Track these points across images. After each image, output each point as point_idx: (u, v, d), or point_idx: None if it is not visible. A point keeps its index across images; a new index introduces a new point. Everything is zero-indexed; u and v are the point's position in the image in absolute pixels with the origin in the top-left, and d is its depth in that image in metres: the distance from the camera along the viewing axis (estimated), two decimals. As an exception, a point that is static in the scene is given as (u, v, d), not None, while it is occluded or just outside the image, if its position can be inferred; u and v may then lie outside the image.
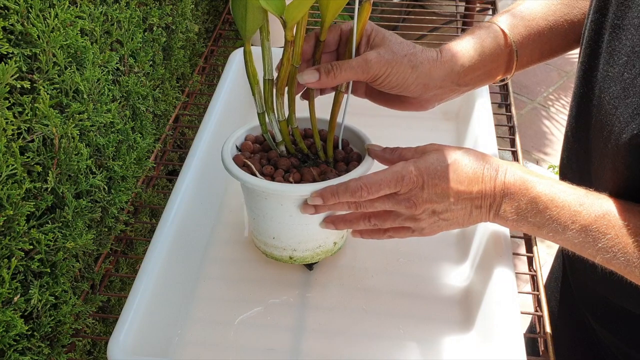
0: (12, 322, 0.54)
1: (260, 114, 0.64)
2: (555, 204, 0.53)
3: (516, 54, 0.64)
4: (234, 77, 0.85)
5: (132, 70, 0.78)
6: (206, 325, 0.65)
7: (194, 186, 0.70)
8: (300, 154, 0.66)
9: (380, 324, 0.64)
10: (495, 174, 0.56)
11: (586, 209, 0.52)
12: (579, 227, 0.52)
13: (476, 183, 0.56)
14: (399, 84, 0.60)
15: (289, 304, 0.66)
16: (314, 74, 0.58)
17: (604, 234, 0.50)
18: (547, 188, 0.54)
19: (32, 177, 0.58)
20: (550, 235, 0.54)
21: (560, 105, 2.39)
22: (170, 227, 0.64)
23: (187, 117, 1.00)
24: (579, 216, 0.52)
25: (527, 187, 0.54)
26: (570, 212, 0.52)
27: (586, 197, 0.53)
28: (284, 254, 0.66)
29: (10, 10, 0.53)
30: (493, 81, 0.67)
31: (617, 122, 0.49)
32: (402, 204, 0.57)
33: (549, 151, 2.20)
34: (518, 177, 0.55)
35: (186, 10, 0.94)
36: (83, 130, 0.65)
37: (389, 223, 0.60)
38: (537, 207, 0.54)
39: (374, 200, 0.58)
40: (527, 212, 0.54)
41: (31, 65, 0.57)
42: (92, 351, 0.74)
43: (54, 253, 0.61)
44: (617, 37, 0.50)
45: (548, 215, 0.53)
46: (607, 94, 0.51)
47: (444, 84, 0.62)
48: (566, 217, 0.52)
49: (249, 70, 0.61)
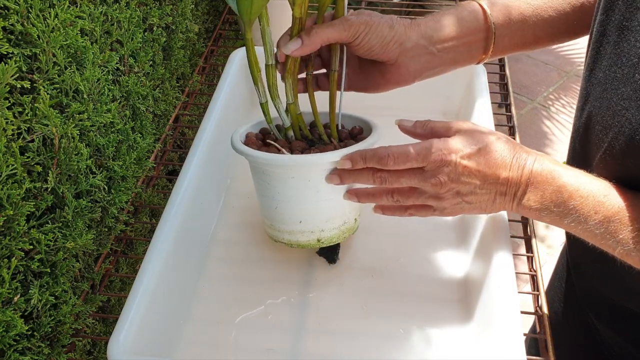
0: (12, 322, 0.54)
1: (264, 103, 0.63)
2: (580, 194, 0.53)
3: (494, 33, 0.64)
4: (234, 77, 0.85)
5: (132, 70, 0.78)
6: (206, 325, 0.65)
7: (194, 186, 0.70)
8: (305, 140, 0.66)
9: (380, 324, 0.64)
10: (524, 162, 0.56)
11: (610, 200, 0.52)
12: (602, 217, 0.52)
13: (504, 169, 0.56)
14: (379, 43, 0.60)
15: (289, 304, 0.66)
16: (297, 40, 0.59)
17: (626, 226, 0.51)
18: (572, 178, 0.54)
19: (32, 177, 0.58)
20: (573, 226, 0.54)
21: (560, 105, 2.39)
22: (170, 227, 0.64)
23: (187, 117, 1.00)
24: (602, 207, 0.52)
25: (553, 177, 0.55)
26: (594, 203, 0.52)
27: (611, 189, 0.53)
28: (312, 238, 0.65)
29: (10, 10, 0.53)
30: (475, 60, 0.67)
31: (628, 123, 0.49)
32: (428, 180, 0.57)
33: (549, 151, 2.20)
34: (546, 167, 0.55)
35: (186, 10, 0.94)
36: (83, 130, 0.65)
37: (412, 200, 0.60)
38: (561, 197, 0.54)
39: (400, 174, 0.58)
40: (551, 201, 0.54)
41: (31, 65, 0.57)
42: (92, 351, 0.74)
43: (54, 253, 0.61)
44: (625, 39, 0.50)
45: (572, 205, 0.53)
46: (615, 95, 0.51)
47: (419, 44, 0.62)
48: (589, 207, 0.52)
49: (250, 57, 0.60)
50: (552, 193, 0.54)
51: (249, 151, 0.62)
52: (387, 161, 0.57)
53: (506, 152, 0.56)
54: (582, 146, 0.59)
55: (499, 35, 0.64)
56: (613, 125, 0.51)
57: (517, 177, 0.56)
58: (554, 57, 2.64)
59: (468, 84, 0.85)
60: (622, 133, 0.50)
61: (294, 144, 0.65)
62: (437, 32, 0.63)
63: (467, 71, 0.85)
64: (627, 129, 0.49)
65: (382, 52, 0.61)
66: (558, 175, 0.55)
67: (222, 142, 0.78)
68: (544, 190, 0.55)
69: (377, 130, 0.64)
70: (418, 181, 0.58)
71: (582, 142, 0.58)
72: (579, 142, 0.59)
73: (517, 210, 0.57)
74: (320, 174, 0.61)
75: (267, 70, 0.62)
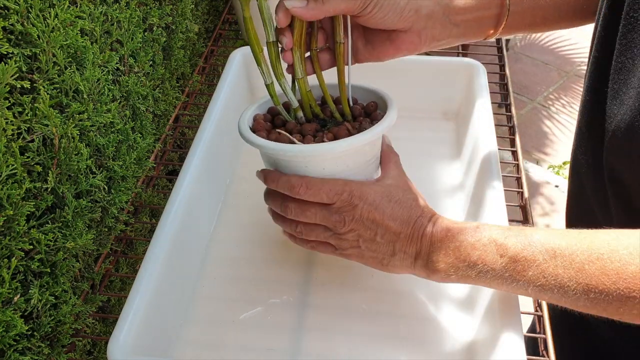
0: (12, 322, 0.54)
1: (270, 84, 0.61)
2: (481, 242, 0.52)
3: (508, 10, 0.63)
4: (234, 77, 0.85)
5: (132, 70, 0.78)
6: (206, 325, 0.65)
7: (194, 186, 0.70)
8: (316, 119, 0.64)
9: (380, 324, 0.64)
10: (427, 223, 0.56)
11: (512, 241, 0.51)
12: (507, 259, 0.50)
13: (407, 226, 0.56)
14: (391, 10, 0.57)
15: (289, 304, 0.66)
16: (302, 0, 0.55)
17: (532, 261, 0.49)
18: (472, 231, 0.53)
19: (32, 177, 0.58)
20: (481, 276, 0.52)
21: (561, 105, 2.39)
22: (170, 227, 0.64)
23: (187, 117, 1.00)
24: (505, 248, 0.51)
25: (453, 234, 0.54)
26: (496, 246, 0.51)
27: (510, 230, 0.52)
28: None
29: (10, 10, 0.53)
30: (483, 35, 0.65)
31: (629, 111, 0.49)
32: (333, 216, 0.57)
33: (549, 151, 2.20)
34: (444, 226, 0.55)
35: (186, 10, 0.94)
36: (83, 130, 0.65)
37: (314, 235, 0.60)
38: (464, 251, 0.53)
39: (306, 208, 0.58)
40: (455, 257, 0.53)
41: (31, 65, 0.57)
42: (92, 351, 0.74)
43: (54, 253, 0.61)
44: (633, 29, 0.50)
45: (477, 255, 0.52)
46: (626, 86, 0.51)
47: (434, 13, 0.60)
48: (493, 252, 0.51)
49: (251, 36, 0.57)
50: (454, 249, 0.53)
51: (258, 141, 0.58)
52: (299, 190, 0.57)
53: (413, 210, 0.56)
54: (592, 138, 0.58)
55: (512, 12, 0.63)
56: (617, 113, 0.51)
57: (418, 236, 0.55)
58: (554, 57, 2.64)
59: (468, 84, 0.85)
60: (623, 120, 0.50)
61: (305, 127, 0.61)
62: (453, 1, 0.61)
63: (467, 71, 0.85)
64: (629, 115, 0.49)
65: (397, 20, 0.58)
66: (457, 231, 0.54)
67: (222, 142, 0.78)
68: (446, 249, 0.54)
69: (393, 106, 0.62)
70: (322, 216, 0.57)
71: (591, 134, 0.58)
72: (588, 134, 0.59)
73: (423, 273, 0.57)
74: (335, 161, 0.58)
75: (269, 48, 0.58)
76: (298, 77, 0.60)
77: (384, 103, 0.63)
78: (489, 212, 0.65)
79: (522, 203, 0.79)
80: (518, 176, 0.82)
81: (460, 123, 0.87)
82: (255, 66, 0.61)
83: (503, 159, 0.75)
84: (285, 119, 0.63)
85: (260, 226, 0.74)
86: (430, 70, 0.86)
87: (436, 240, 0.55)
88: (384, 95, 0.64)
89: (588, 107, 0.58)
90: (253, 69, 0.89)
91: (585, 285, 0.47)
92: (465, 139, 0.82)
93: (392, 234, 0.56)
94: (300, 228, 0.60)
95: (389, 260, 0.58)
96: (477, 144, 0.75)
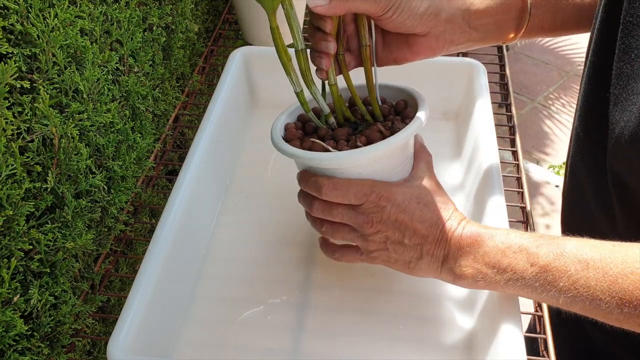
0: (12, 322, 0.54)
1: (300, 92, 0.60)
2: (512, 250, 0.51)
3: (529, 13, 0.62)
4: (233, 77, 0.85)
5: (132, 70, 0.78)
6: (206, 325, 0.65)
7: (194, 186, 0.70)
8: (347, 122, 0.63)
9: (380, 324, 0.64)
10: (456, 226, 0.55)
11: (543, 250, 0.50)
12: (538, 269, 0.50)
13: (435, 228, 0.55)
14: (411, 15, 0.57)
15: (289, 304, 0.66)
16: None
17: (564, 272, 0.48)
18: (502, 237, 0.53)
19: (31, 177, 0.58)
20: (510, 284, 0.52)
21: (561, 105, 2.39)
22: (170, 227, 0.64)
23: (187, 117, 1.00)
24: (536, 257, 0.50)
25: (482, 239, 0.53)
26: (527, 255, 0.50)
27: (542, 239, 0.51)
28: None
29: (10, 10, 0.53)
30: (502, 40, 0.65)
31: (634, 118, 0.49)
32: (360, 217, 0.56)
33: (550, 151, 2.20)
34: (474, 231, 0.54)
35: (186, 10, 0.94)
36: (83, 130, 0.65)
37: (340, 235, 0.59)
38: (494, 257, 0.52)
39: (333, 207, 0.57)
40: (484, 263, 0.53)
41: (31, 65, 0.57)
42: (92, 351, 0.74)
43: (53, 253, 0.61)
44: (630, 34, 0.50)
45: (506, 262, 0.51)
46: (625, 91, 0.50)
47: (454, 18, 0.60)
48: (524, 260, 0.50)
49: (279, 46, 0.56)
50: (483, 255, 0.52)
51: (293, 151, 0.58)
52: (325, 190, 0.56)
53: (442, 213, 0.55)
54: (590, 141, 0.58)
55: (532, 15, 0.62)
56: (620, 119, 0.51)
57: (446, 239, 0.55)
58: (554, 57, 2.64)
59: (468, 84, 0.85)
60: (627, 127, 0.49)
61: (337, 132, 0.61)
62: (473, 4, 0.60)
63: (467, 71, 0.85)
64: (633, 123, 0.49)
65: (416, 24, 0.58)
66: (488, 236, 0.53)
67: (221, 142, 0.78)
68: (475, 253, 0.53)
69: (424, 103, 0.61)
70: (350, 216, 0.57)
71: (589, 138, 0.58)
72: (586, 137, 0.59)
73: (449, 277, 0.56)
74: (370, 165, 0.58)
75: (297, 56, 0.58)
76: (332, 83, 0.60)
77: (413, 100, 0.63)
78: (489, 212, 0.65)
79: (522, 203, 0.79)
80: (518, 176, 0.82)
81: (461, 123, 0.87)
82: (254, 66, 0.61)
83: (503, 159, 0.75)
84: (317, 125, 0.63)
85: (260, 226, 0.74)
86: (431, 70, 0.86)
87: (465, 244, 0.54)
88: (412, 92, 0.64)
89: (587, 112, 0.58)
90: (253, 69, 0.89)
91: (619, 299, 0.46)
92: (465, 139, 0.82)
93: (420, 237, 0.55)
94: (325, 227, 0.59)
95: (415, 263, 0.57)
96: (477, 144, 0.75)
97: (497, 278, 0.52)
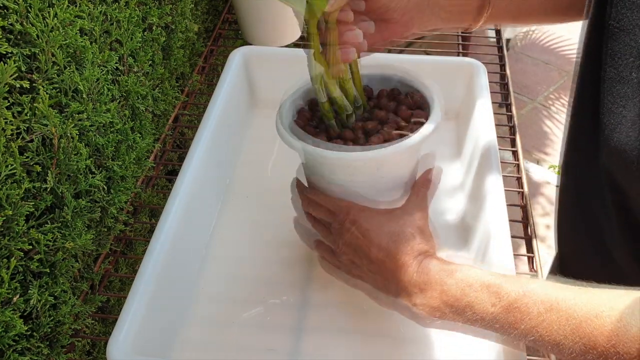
0: (12, 322, 0.54)
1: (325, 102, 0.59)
2: (473, 289, 0.49)
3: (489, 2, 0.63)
4: (233, 77, 0.85)
5: (132, 69, 0.78)
6: (206, 325, 0.65)
7: (194, 186, 0.69)
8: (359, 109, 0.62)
9: (380, 324, 0.64)
10: (411, 261, 0.52)
11: (505, 290, 0.47)
12: (499, 309, 0.47)
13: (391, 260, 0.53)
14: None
15: (289, 304, 0.66)
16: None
17: (526, 314, 0.46)
18: (462, 275, 0.50)
19: (31, 177, 0.58)
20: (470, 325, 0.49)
21: (561, 105, 2.39)
22: (170, 227, 0.64)
23: (187, 117, 1.00)
24: (497, 297, 0.47)
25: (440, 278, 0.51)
26: (489, 294, 0.48)
27: (505, 277, 0.49)
28: None
29: (10, 10, 0.53)
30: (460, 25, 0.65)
31: (624, 121, 0.49)
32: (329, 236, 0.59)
33: (550, 151, 2.20)
34: (430, 267, 0.52)
35: (186, 10, 0.94)
36: (82, 130, 0.65)
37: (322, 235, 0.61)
38: (453, 295, 0.50)
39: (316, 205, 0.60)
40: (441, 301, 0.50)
41: (30, 65, 0.57)
42: (92, 351, 0.74)
43: (53, 253, 0.61)
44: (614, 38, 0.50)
45: (465, 301, 0.49)
46: (611, 94, 0.51)
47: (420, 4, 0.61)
48: (485, 300, 0.48)
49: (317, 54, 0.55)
50: (441, 293, 0.50)
51: (307, 148, 0.56)
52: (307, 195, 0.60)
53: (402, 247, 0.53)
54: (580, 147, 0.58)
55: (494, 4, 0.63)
56: (608, 124, 0.51)
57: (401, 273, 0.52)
58: (554, 57, 2.64)
59: (468, 84, 0.85)
60: (616, 131, 0.50)
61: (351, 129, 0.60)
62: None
63: (468, 71, 0.85)
64: (623, 125, 0.49)
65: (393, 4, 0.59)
66: (446, 273, 0.51)
67: (221, 142, 0.78)
68: (432, 291, 0.50)
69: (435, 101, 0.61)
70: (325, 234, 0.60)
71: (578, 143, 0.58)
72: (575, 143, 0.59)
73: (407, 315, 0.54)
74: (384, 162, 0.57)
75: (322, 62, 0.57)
76: (347, 77, 0.59)
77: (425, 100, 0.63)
78: (489, 212, 0.65)
79: (522, 203, 0.79)
80: (518, 176, 0.82)
81: (461, 123, 0.87)
82: (254, 66, 0.61)
83: (503, 158, 0.75)
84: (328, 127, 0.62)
85: (260, 226, 0.74)
86: (431, 70, 0.86)
87: (420, 281, 0.51)
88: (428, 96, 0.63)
89: (578, 113, 0.58)
90: (253, 69, 0.89)
91: (583, 344, 0.43)
92: (465, 138, 0.82)
93: (376, 265, 0.54)
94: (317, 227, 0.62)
95: (377, 293, 0.56)
96: (477, 143, 0.75)
97: (455, 318, 0.50)
